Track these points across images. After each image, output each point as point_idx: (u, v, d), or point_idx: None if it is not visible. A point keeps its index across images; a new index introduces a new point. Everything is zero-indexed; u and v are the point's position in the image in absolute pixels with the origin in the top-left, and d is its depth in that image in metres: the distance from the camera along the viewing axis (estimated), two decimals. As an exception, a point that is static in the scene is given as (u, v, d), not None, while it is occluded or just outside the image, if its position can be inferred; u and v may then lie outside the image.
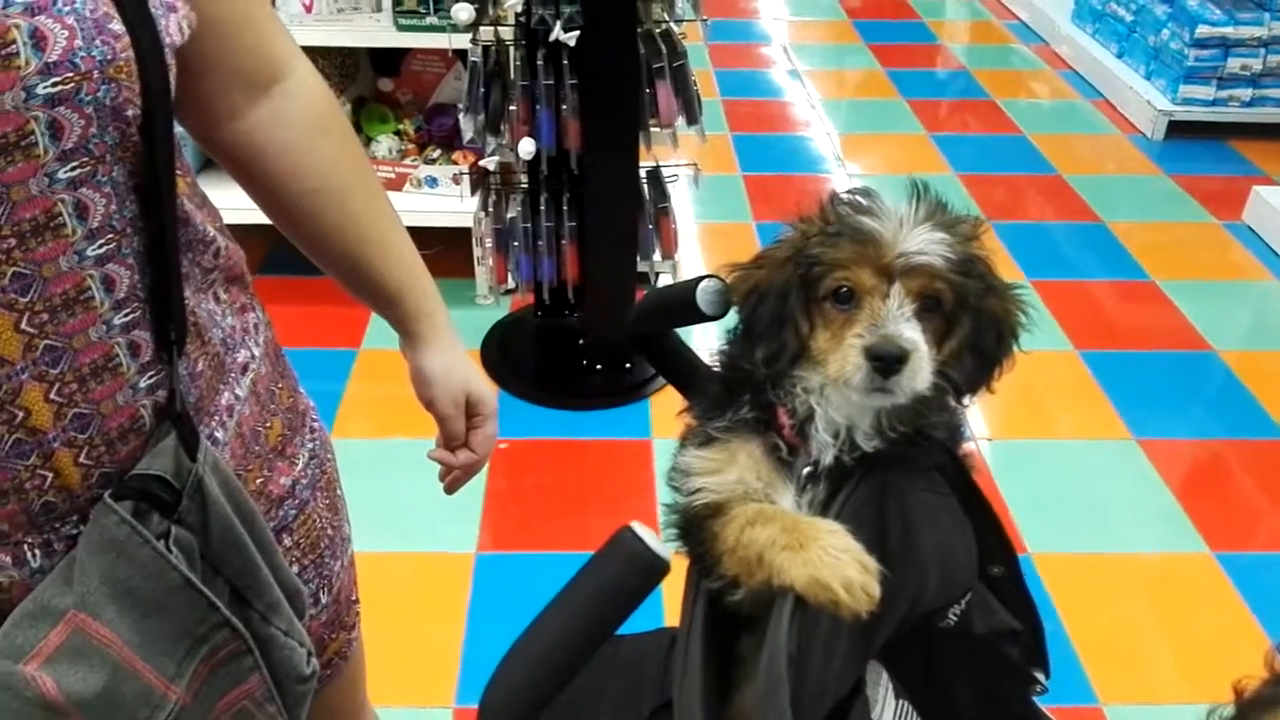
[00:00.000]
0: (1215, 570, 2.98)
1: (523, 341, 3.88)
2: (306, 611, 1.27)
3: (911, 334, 1.10)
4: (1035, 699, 1.37)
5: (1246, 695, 1.18)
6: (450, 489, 1.51)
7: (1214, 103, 5.50)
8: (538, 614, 1.10)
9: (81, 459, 1.01)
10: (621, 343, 3.58)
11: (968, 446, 1.26)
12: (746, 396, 1.20)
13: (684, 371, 1.46)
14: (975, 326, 1.14)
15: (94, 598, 1.00)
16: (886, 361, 1.08)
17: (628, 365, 3.66)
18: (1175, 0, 5.58)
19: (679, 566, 1.14)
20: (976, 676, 1.30)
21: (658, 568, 1.08)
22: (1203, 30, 5.34)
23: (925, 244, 1.10)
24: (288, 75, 1.23)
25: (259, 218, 1.31)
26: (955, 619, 1.23)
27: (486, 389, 1.46)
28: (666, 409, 3.47)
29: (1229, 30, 5.35)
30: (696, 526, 1.14)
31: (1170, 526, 3.14)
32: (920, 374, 1.10)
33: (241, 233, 1.27)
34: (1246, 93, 5.48)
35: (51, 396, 0.97)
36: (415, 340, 1.41)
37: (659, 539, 1.10)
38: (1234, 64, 5.40)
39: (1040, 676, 1.35)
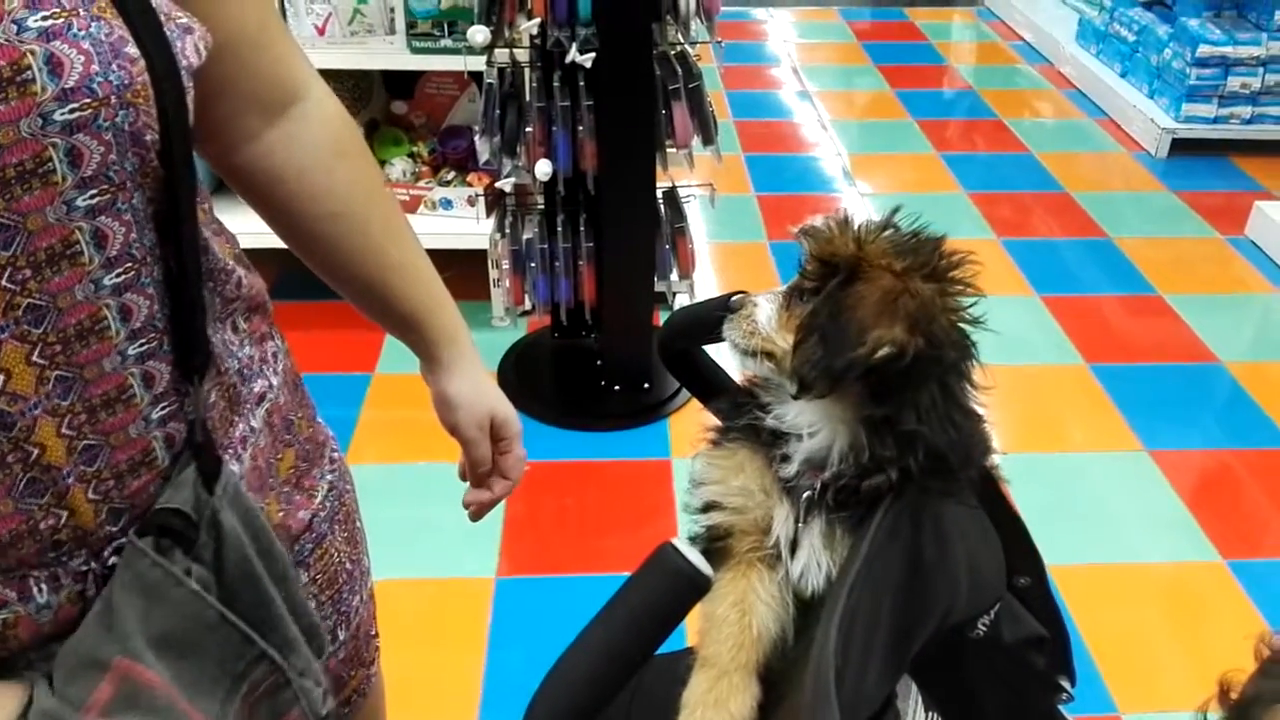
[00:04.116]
0: (1228, 578, 3.00)
1: (540, 363, 3.89)
2: (326, 649, 1.23)
3: (759, 300, 1.23)
4: (1062, 708, 1.38)
5: (1244, 692, 1.18)
6: (475, 517, 1.47)
7: (1215, 120, 5.55)
8: (580, 631, 1.09)
9: (90, 494, 0.98)
10: (639, 363, 3.60)
11: (994, 459, 1.27)
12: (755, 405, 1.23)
13: (714, 389, 1.46)
14: (824, 310, 1.12)
15: (134, 642, 0.96)
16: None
17: (646, 385, 3.67)
18: (1176, 21, 5.63)
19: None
20: (1004, 686, 1.31)
21: (700, 584, 1.09)
22: (1204, 50, 5.38)
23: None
24: (304, 97, 1.20)
25: (268, 242, 1.25)
26: (984, 629, 1.24)
27: (511, 411, 1.42)
28: (685, 429, 3.49)
29: (1229, 50, 5.39)
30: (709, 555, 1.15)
31: (1182, 535, 3.16)
32: (737, 330, 1.23)
33: (251, 258, 1.23)
34: (1247, 110, 5.53)
35: (63, 430, 0.94)
36: (437, 365, 1.37)
37: (699, 554, 1.11)
38: (1234, 82, 5.45)
39: (1066, 684, 1.37)
